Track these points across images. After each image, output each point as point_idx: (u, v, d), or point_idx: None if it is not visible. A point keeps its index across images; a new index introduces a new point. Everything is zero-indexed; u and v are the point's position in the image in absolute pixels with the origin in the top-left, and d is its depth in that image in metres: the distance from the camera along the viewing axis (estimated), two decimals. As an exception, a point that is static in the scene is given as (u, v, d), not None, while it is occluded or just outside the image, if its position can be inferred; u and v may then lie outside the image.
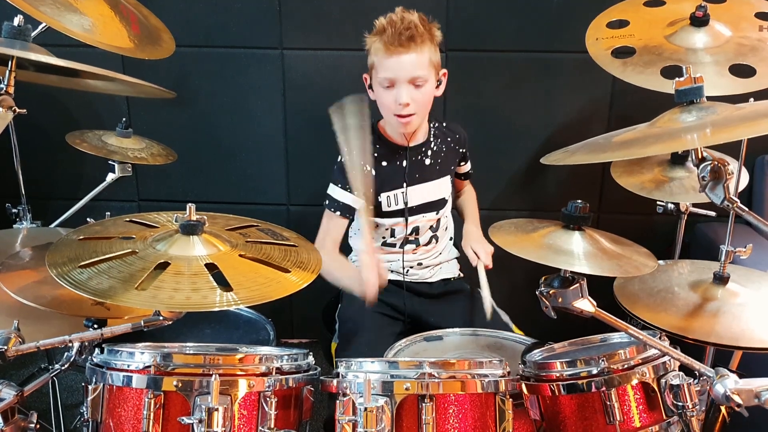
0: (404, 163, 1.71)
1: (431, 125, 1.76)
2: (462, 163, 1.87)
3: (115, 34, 1.51)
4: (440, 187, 1.77)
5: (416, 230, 1.76)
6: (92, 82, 1.58)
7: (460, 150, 1.82)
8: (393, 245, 1.77)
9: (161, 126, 2.33)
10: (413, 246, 1.77)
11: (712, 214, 1.81)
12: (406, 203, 1.71)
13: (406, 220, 1.73)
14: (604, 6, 1.65)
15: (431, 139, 1.75)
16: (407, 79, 1.57)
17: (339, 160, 1.69)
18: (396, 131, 1.71)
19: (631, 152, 1.14)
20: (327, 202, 1.71)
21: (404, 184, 1.70)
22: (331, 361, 1.68)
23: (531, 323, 1.64)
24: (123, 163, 1.80)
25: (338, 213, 1.69)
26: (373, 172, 1.67)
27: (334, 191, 1.70)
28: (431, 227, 1.77)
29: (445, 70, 1.68)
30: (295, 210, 2.47)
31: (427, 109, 1.66)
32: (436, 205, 1.76)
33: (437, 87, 1.65)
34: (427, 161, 1.74)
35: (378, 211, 1.73)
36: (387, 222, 1.74)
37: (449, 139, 1.79)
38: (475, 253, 1.70)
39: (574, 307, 1.03)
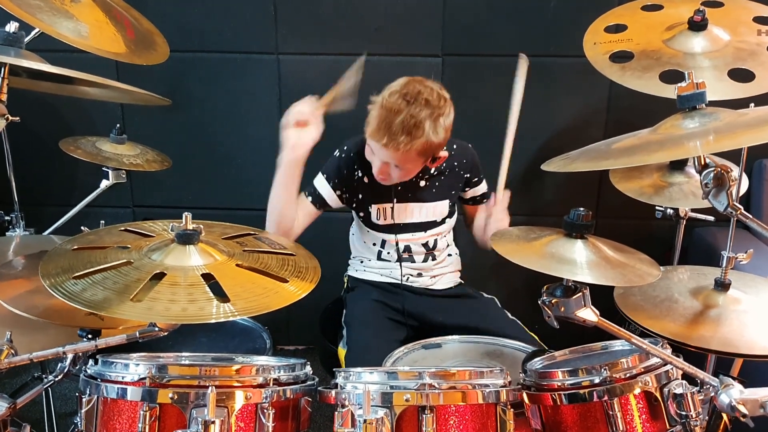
0: None
1: None
2: (467, 189, 1.78)
3: (110, 40, 1.50)
4: (434, 210, 1.71)
5: (408, 249, 1.73)
6: (86, 89, 1.56)
7: (465, 175, 1.73)
8: (388, 261, 1.76)
9: (156, 132, 2.31)
10: (409, 262, 1.74)
11: (711, 219, 1.80)
12: (393, 219, 1.70)
13: (396, 240, 1.70)
14: (602, 10, 1.64)
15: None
16: (383, 161, 1.54)
17: (335, 154, 1.69)
18: None
19: (634, 160, 1.13)
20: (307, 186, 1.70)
21: (393, 200, 1.68)
22: (329, 368, 1.64)
23: (533, 329, 1.64)
24: (117, 170, 1.79)
25: (310, 198, 1.68)
26: (366, 180, 1.67)
27: (319, 180, 1.69)
28: (424, 245, 1.73)
29: (445, 154, 1.59)
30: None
31: (410, 175, 1.61)
32: (423, 226, 1.71)
33: (430, 163, 1.60)
34: (422, 183, 1.69)
35: (368, 222, 1.73)
36: (376, 234, 1.73)
37: (455, 163, 1.71)
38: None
39: (576, 317, 1.02)
